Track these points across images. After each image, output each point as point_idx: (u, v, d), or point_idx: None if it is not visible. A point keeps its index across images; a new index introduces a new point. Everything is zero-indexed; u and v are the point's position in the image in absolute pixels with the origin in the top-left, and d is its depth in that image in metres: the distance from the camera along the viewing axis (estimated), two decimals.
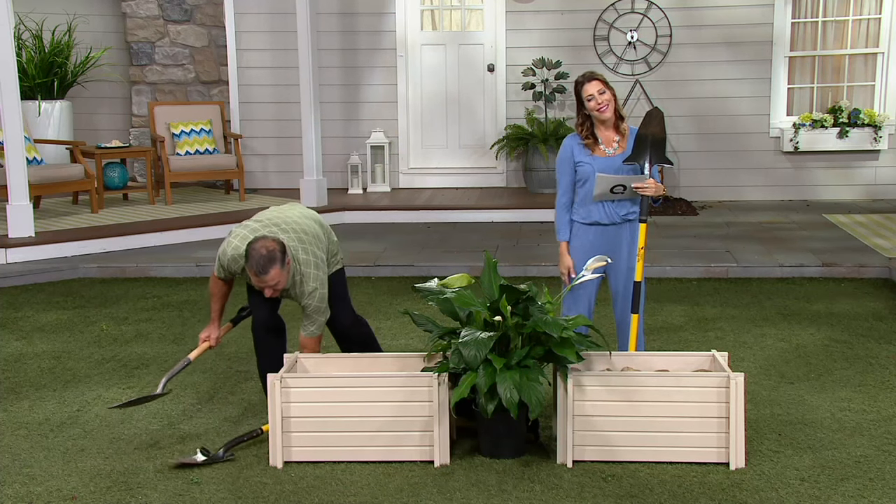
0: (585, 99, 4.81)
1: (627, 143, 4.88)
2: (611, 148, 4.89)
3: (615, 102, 4.85)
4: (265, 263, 4.39)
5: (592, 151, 4.88)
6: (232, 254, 4.66)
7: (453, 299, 4.37)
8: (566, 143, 4.95)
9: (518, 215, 9.96)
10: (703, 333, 6.20)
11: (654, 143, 4.82)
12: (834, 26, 10.78)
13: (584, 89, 4.81)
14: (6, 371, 5.66)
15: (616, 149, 4.89)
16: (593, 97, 4.79)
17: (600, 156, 4.88)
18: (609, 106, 4.81)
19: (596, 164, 4.85)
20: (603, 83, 4.82)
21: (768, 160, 10.85)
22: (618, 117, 4.89)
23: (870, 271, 7.63)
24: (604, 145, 4.88)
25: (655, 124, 4.86)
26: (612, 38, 10.82)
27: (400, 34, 11.09)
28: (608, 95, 4.81)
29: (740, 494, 3.96)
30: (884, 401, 4.97)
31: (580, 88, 4.84)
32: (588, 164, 4.86)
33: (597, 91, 4.79)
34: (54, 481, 4.17)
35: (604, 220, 4.89)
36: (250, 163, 11.02)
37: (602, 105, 4.79)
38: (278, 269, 4.41)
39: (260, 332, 4.90)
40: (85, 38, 11.31)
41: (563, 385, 4.24)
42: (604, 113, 4.81)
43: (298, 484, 4.11)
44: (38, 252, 8.25)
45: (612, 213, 4.88)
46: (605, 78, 4.87)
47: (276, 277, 4.42)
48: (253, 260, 4.40)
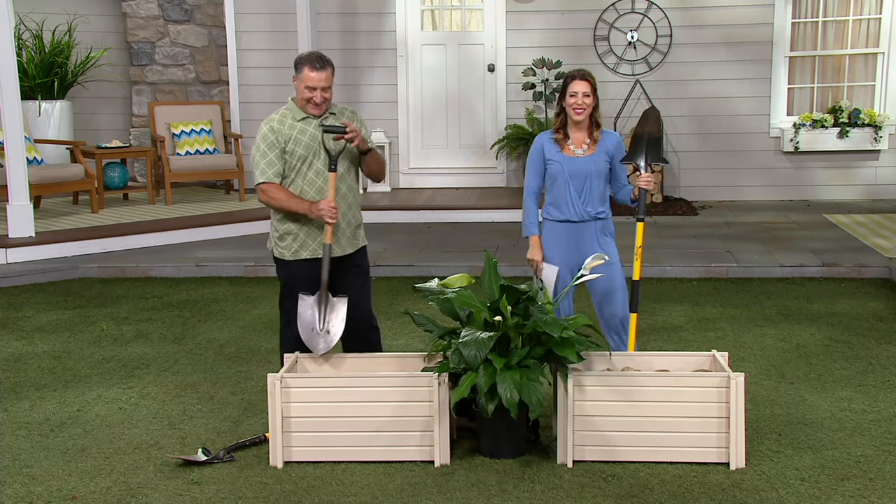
0: (569, 94, 4.85)
1: (597, 147, 4.91)
2: (580, 149, 4.93)
3: (594, 109, 4.88)
4: (322, 58, 4.64)
5: (562, 148, 4.93)
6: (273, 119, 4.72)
7: (453, 299, 4.37)
8: (538, 140, 5.02)
9: (518, 215, 9.79)
10: (703, 333, 6.20)
11: (650, 141, 4.84)
12: (834, 26, 10.78)
13: (572, 84, 4.85)
14: (6, 371, 5.66)
15: (585, 150, 4.92)
16: (576, 95, 4.83)
17: (569, 155, 4.93)
18: (586, 111, 4.85)
19: (565, 163, 4.90)
20: (591, 86, 4.84)
21: (768, 160, 10.85)
22: (592, 124, 4.92)
23: (870, 271, 7.63)
24: (573, 145, 4.93)
25: (652, 123, 4.89)
26: (612, 38, 10.82)
27: (400, 34, 11.09)
28: (591, 100, 4.84)
29: (740, 494, 3.96)
30: (884, 401, 4.97)
31: (569, 81, 4.87)
32: (557, 164, 4.92)
33: (581, 91, 4.82)
34: (54, 481, 4.17)
35: (574, 217, 4.94)
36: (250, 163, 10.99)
37: (579, 107, 4.83)
38: (331, 70, 4.63)
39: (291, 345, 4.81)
40: (85, 38, 11.31)
41: (563, 385, 4.24)
42: (578, 114, 4.85)
43: (299, 484, 4.11)
44: (38, 252, 8.25)
45: (583, 211, 4.93)
46: (595, 82, 4.89)
47: (328, 78, 4.62)
48: (311, 55, 4.65)
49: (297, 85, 4.67)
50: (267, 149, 4.66)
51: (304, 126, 4.68)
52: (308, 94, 4.63)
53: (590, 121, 4.90)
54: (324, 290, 4.66)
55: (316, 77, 4.59)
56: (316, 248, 4.72)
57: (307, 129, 4.68)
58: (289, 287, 4.81)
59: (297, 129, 4.67)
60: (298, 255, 4.74)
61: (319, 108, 4.67)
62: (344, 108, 4.83)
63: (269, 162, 4.66)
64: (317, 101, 4.63)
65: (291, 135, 4.66)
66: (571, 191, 4.90)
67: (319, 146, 4.68)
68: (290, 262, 4.77)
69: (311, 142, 4.67)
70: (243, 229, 9.32)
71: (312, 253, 4.73)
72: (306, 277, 4.74)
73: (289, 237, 4.74)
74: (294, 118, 4.69)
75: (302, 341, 4.69)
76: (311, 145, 4.67)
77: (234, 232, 9.26)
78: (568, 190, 4.90)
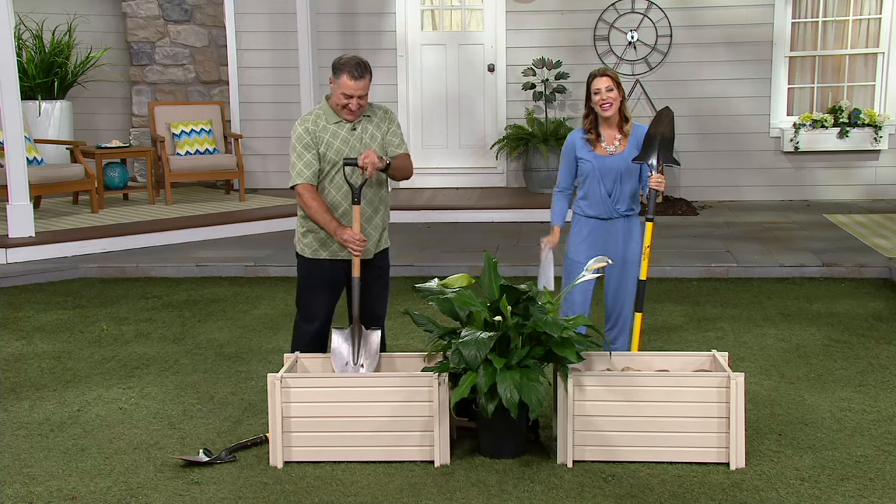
0: (593, 92, 4.93)
1: (629, 142, 4.96)
2: (612, 146, 5.00)
3: (621, 103, 4.95)
4: (362, 64, 4.57)
5: (594, 147, 5.00)
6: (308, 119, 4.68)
7: (453, 299, 4.37)
8: (570, 137, 5.10)
9: (518, 215, 9.96)
10: (703, 333, 6.20)
11: (662, 142, 4.88)
12: (834, 26, 10.78)
13: (594, 82, 4.92)
14: (6, 371, 5.66)
15: (617, 147, 5.00)
16: (600, 91, 4.90)
17: (601, 153, 5.00)
18: (613, 105, 4.90)
19: (596, 162, 4.98)
20: (613, 81, 4.92)
21: (768, 160, 10.85)
22: (622, 118, 4.99)
23: (870, 271, 7.63)
24: (605, 143, 5.00)
25: (665, 124, 4.92)
26: (612, 38, 10.82)
27: (400, 34, 11.10)
28: (615, 94, 4.90)
29: (740, 494, 3.96)
30: (884, 401, 4.97)
31: (591, 80, 4.95)
32: (588, 163, 5.00)
33: (604, 87, 4.90)
34: (54, 481, 4.17)
35: (603, 214, 5.03)
36: (250, 163, 11.02)
37: (606, 102, 4.89)
38: (369, 77, 4.58)
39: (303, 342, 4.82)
40: (85, 38, 11.31)
41: (563, 385, 4.24)
42: (606, 110, 4.91)
43: (298, 484, 4.11)
44: (38, 252, 8.25)
45: (611, 208, 5.01)
46: (618, 77, 4.97)
47: (366, 86, 4.58)
48: (351, 62, 4.56)
49: (334, 89, 4.64)
50: (304, 150, 4.65)
51: (336, 129, 4.67)
52: (344, 101, 4.61)
53: (619, 115, 4.97)
54: (356, 325, 4.66)
55: (354, 86, 4.57)
56: (336, 249, 4.74)
57: (339, 132, 4.67)
58: (305, 284, 4.85)
59: (330, 132, 4.67)
60: (318, 254, 4.77)
61: (354, 115, 4.67)
62: (378, 108, 4.82)
63: (306, 163, 4.65)
64: (352, 109, 4.62)
65: (324, 137, 4.66)
66: (602, 189, 4.99)
67: (350, 150, 4.67)
68: (309, 260, 4.81)
69: (342, 146, 4.67)
70: (243, 229, 9.32)
71: (332, 254, 4.75)
72: (322, 277, 4.78)
73: (311, 234, 4.77)
74: (328, 120, 4.68)
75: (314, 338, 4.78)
76: (342, 149, 4.66)
77: (234, 232, 9.27)
78: (599, 188, 4.99)
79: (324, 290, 4.80)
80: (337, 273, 4.77)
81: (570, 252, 5.11)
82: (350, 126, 4.68)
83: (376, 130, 4.74)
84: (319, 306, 4.82)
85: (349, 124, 4.68)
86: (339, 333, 4.64)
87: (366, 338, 4.66)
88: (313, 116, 4.72)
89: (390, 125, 4.79)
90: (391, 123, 4.80)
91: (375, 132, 4.74)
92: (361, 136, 4.70)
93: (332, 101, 4.68)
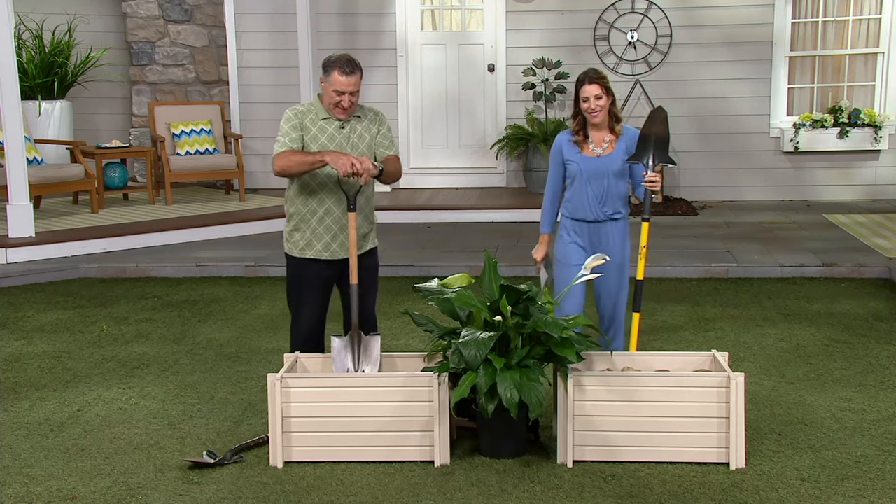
0: (581, 99, 4.86)
1: (618, 145, 4.91)
2: (600, 147, 4.92)
3: (611, 108, 4.89)
4: (352, 61, 4.60)
5: (581, 149, 4.94)
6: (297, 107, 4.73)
7: (453, 299, 4.37)
8: (557, 139, 5.03)
9: (518, 215, 9.95)
10: (703, 333, 6.20)
11: (657, 142, 4.84)
12: (834, 26, 10.78)
13: (583, 89, 4.85)
14: (6, 371, 5.66)
15: (605, 149, 4.92)
16: (588, 100, 4.83)
17: (588, 155, 4.93)
18: (601, 113, 4.85)
19: (583, 164, 4.91)
20: (603, 88, 4.83)
21: (768, 160, 10.85)
22: (612, 120, 4.93)
23: (870, 271, 7.63)
24: (593, 144, 4.93)
25: (659, 123, 4.88)
26: (612, 38, 10.82)
27: (400, 34, 11.09)
28: (604, 101, 4.83)
29: (740, 494, 3.96)
30: (884, 401, 4.97)
31: (580, 87, 4.87)
32: (575, 164, 4.93)
33: (593, 95, 4.82)
34: (54, 481, 4.17)
35: (589, 216, 4.95)
36: (250, 163, 11.01)
37: (594, 110, 4.83)
38: (360, 74, 4.61)
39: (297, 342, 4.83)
40: (85, 38, 11.31)
41: (563, 385, 4.24)
42: (594, 118, 4.86)
43: (298, 484, 4.11)
44: (38, 252, 8.25)
45: (598, 211, 4.93)
46: (607, 82, 4.87)
47: (357, 83, 4.60)
48: (341, 59, 4.60)
49: (325, 87, 4.65)
50: (290, 129, 4.67)
51: (324, 125, 4.68)
52: (336, 98, 4.62)
53: (609, 116, 4.91)
54: (355, 332, 4.66)
55: (345, 82, 4.58)
56: (321, 249, 4.74)
57: (327, 128, 4.68)
58: (293, 283, 4.86)
59: (318, 126, 4.68)
60: (304, 253, 4.78)
61: (346, 113, 4.67)
62: (369, 109, 4.82)
63: (291, 138, 4.64)
64: (344, 106, 4.63)
65: (311, 129, 4.67)
66: (589, 191, 4.91)
67: (336, 147, 4.67)
68: (296, 259, 4.81)
69: (327, 142, 4.67)
70: (243, 229, 9.32)
71: (317, 254, 4.75)
72: (309, 276, 4.78)
73: (297, 233, 4.78)
74: (317, 115, 4.70)
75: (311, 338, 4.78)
76: (327, 146, 4.66)
77: (234, 232, 9.27)
78: (586, 190, 4.91)
79: (313, 290, 4.80)
80: (325, 272, 4.78)
81: (559, 255, 5.05)
82: (339, 124, 4.69)
83: (365, 131, 4.75)
84: (309, 306, 4.83)
85: (338, 122, 4.69)
86: (338, 341, 4.65)
87: (366, 344, 4.66)
88: (304, 108, 4.75)
89: (381, 127, 4.80)
90: (381, 125, 4.81)
91: (364, 133, 4.74)
92: (349, 135, 4.70)
93: (325, 100, 4.69)
